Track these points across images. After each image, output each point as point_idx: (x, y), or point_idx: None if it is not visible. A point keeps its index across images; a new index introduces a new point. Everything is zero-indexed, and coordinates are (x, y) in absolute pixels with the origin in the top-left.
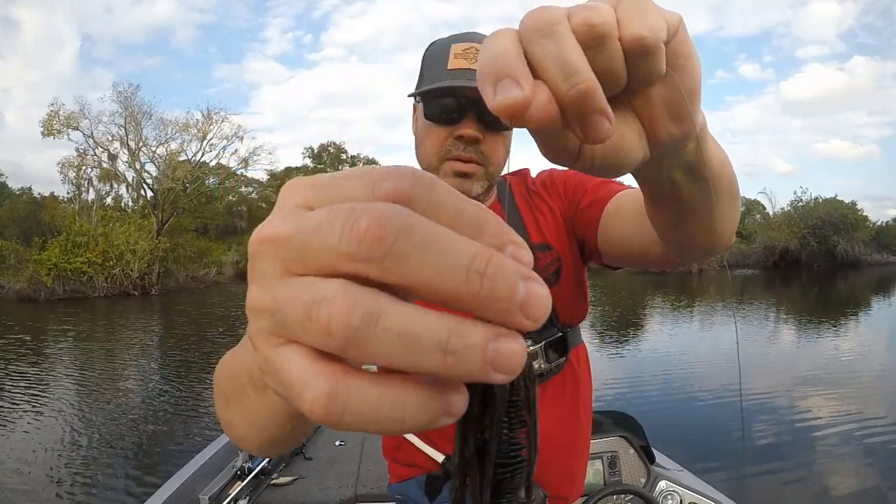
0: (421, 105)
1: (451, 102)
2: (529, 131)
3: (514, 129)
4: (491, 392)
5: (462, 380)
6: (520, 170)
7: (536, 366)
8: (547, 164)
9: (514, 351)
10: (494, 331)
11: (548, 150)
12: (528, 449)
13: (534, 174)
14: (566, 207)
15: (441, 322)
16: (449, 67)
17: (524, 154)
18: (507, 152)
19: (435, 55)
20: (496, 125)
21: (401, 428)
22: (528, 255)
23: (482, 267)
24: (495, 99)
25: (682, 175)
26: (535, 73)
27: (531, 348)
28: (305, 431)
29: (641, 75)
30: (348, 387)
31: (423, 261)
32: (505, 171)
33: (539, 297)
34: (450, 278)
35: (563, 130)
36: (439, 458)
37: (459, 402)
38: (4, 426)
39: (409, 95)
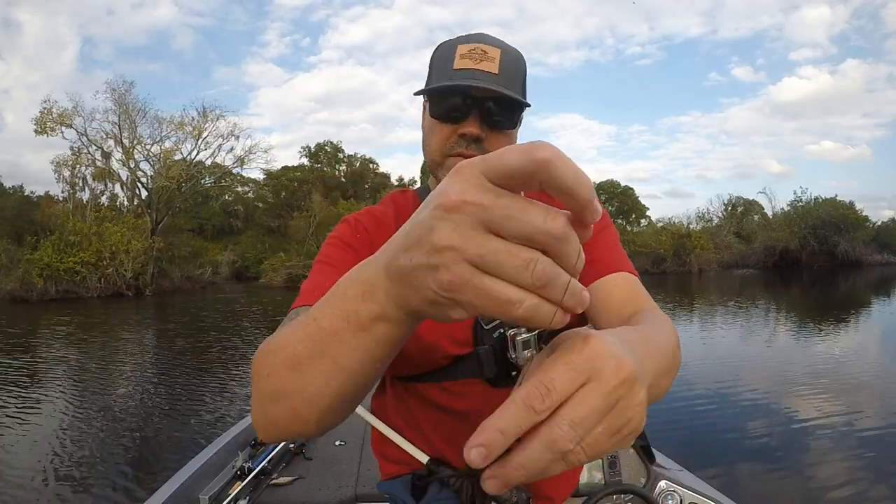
0: (428, 103)
1: (456, 101)
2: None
3: (520, 131)
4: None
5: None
6: None
7: (528, 355)
8: None
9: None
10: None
11: None
12: None
13: None
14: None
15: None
16: (455, 67)
17: None
18: None
19: (442, 55)
20: (499, 124)
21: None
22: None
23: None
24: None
25: None
26: None
27: (524, 336)
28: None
29: None
30: (541, 301)
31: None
32: None
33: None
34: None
35: None
36: (423, 458)
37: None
38: (0, 428)
39: (415, 93)
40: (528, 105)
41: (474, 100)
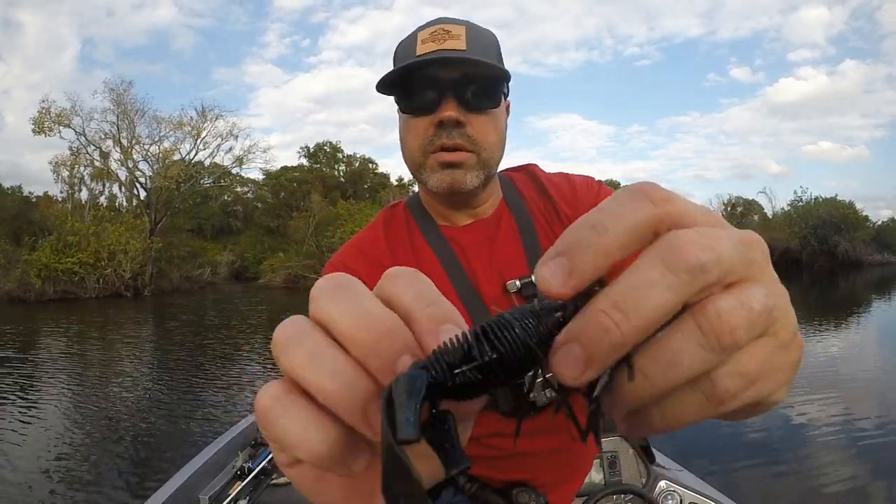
0: (400, 102)
1: (427, 89)
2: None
3: (519, 133)
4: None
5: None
6: (524, 165)
7: (548, 395)
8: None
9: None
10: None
11: None
12: None
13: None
14: None
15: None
16: (417, 54)
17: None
18: (500, 136)
19: (404, 49)
20: (479, 104)
21: None
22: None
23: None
24: None
25: None
26: None
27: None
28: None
29: None
30: None
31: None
32: (504, 166)
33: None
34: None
35: None
36: None
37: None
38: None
39: (377, 89)
40: (508, 77)
41: (446, 83)
